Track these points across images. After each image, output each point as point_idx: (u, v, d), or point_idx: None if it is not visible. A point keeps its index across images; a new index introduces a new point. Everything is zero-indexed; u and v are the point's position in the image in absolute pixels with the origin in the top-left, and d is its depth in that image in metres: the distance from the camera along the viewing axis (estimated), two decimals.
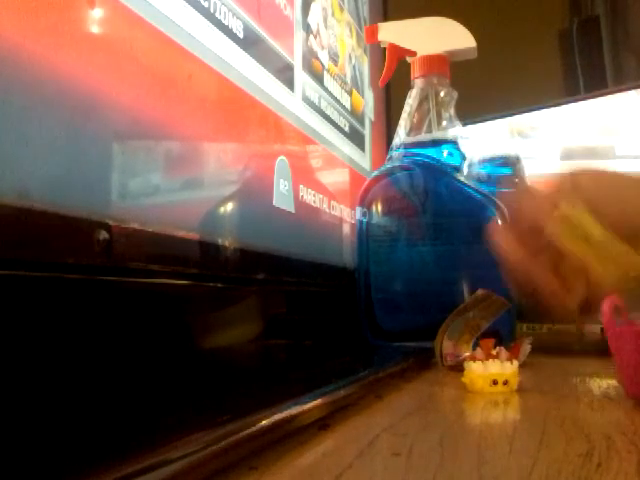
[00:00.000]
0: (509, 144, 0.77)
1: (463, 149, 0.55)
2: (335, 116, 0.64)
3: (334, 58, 0.65)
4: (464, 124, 0.58)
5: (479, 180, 0.58)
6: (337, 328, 0.58)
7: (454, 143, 0.55)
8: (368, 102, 0.78)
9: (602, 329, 0.42)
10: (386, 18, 0.88)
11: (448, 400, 0.32)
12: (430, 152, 0.54)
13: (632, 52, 1.04)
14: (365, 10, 0.79)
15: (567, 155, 0.77)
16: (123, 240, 0.28)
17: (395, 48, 0.59)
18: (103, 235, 0.27)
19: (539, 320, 0.34)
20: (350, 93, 0.70)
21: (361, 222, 0.56)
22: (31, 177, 0.25)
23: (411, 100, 0.57)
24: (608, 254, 0.31)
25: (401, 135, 0.57)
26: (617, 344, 0.29)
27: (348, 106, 0.69)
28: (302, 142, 0.56)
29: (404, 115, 0.57)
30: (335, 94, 0.65)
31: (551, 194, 0.34)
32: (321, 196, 0.59)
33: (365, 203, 0.56)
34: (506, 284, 0.35)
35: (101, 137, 0.30)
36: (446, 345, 0.39)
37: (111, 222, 0.28)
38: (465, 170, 0.54)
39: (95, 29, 0.29)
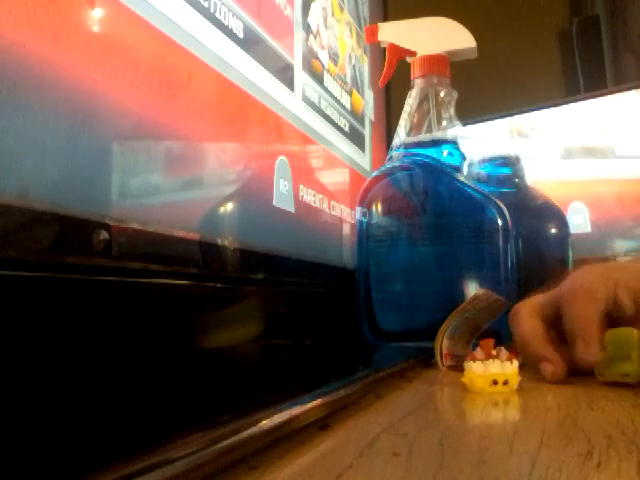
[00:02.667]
0: (509, 144, 0.77)
1: (463, 149, 0.55)
2: (335, 116, 0.64)
3: (334, 58, 0.65)
4: (464, 124, 0.58)
5: (479, 180, 0.59)
6: (337, 328, 0.58)
7: (454, 143, 0.55)
8: (368, 102, 0.78)
9: None
10: (386, 18, 0.88)
11: (448, 400, 0.32)
12: (430, 152, 0.54)
13: (632, 52, 1.04)
14: (365, 10, 0.79)
15: (567, 155, 0.77)
16: (123, 240, 0.28)
17: (395, 48, 0.59)
18: (103, 235, 0.27)
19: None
20: (350, 93, 0.70)
21: (361, 222, 0.56)
22: (31, 177, 0.25)
23: (411, 100, 0.57)
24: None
25: (401, 135, 0.57)
26: None
27: (348, 106, 0.69)
28: (302, 142, 0.56)
29: (404, 115, 0.57)
30: (335, 94, 0.65)
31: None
32: (321, 196, 0.59)
33: (365, 203, 0.56)
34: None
35: (101, 137, 0.30)
36: (446, 345, 0.39)
37: (111, 222, 0.28)
38: (465, 170, 0.54)
39: (95, 29, 0.29)
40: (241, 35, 0.43)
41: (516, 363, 0.32)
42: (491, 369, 0.31)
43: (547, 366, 0.35)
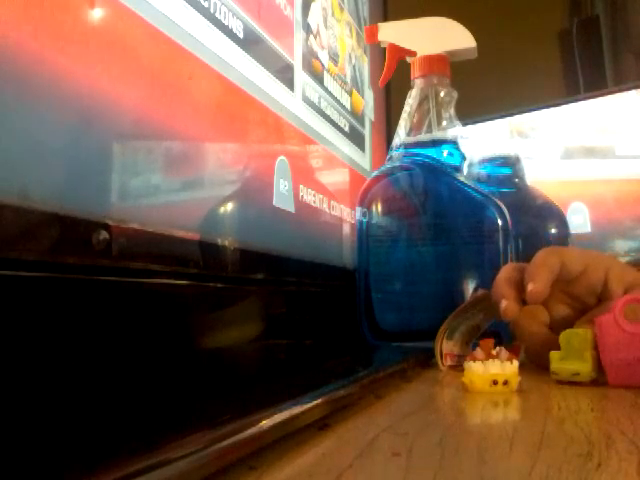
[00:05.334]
0: (509, 144, 0.77)
1: (463, 149, 0.55)
2: (335, 116, 0.64)
3: (334, 58, 0.65)
4: (464, 124, 0.58)
5: (479, 180, 0.59)
6: (337, 328, 0.58)
7: (454, 143, 0.55)
8: (368, 102, 0.78)
9: None
10: (386, 18, 0.88)
11: (448, 400, 0.32)
12: (430, 152, 0.54)
13: (632, 52, 1.04)
14: (365, 10, 0.79)
15: (567, 155, 0.77)
16: (123, 240, 0.28)
17: (395, 48, 0.59)
18: (103, 235, 0.27)
19: None
20: (350, 93, 0.70)
21: (361, 222, 0.56)
22: (31, 177, 0.25)
23: (411, 100, 0.57)
24: None
25: (401, 135, 0.57)
26: (600, 332, 0.33)
27: (348, 106, 0.69)
28: (302, 142, 0.56)
29: (404, 115, 0.57)
30: (335, 94, 0.65)
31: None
32: (321, 196, 0.59)
33: (365, 203, 0.56)
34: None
35: (101, 137, 0.30)
36: (446, 345, 0.39)
37: (111, 222, 0.28)
38: (465, 170, 0.54)
39: (95, 29, 0.29)
40: (241, 35, 0.43)
41: (516, 363, 0.32)
42: (491, 369, 0.31)
43: (503, 302, 0.37)
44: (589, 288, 0.38)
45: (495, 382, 0.31)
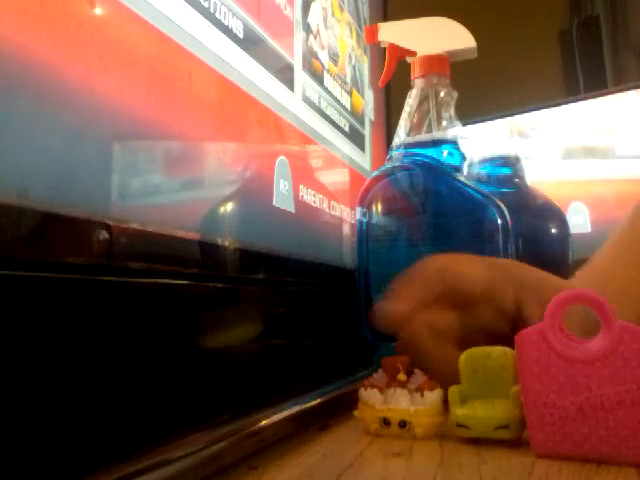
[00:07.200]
0: (509, 144, 0.77)
1: (463, 149, 0.55)
2: (335, 116, 0.64)
3: (334, 58, 0.65)
4: (464, 124, 0.58)
5: (479, 180, 0.59)
6: (337, 328, 0.58)
7: (454, 143, 0.55)
8: (368, 102, 0.78)
9: None
10: (386, 18, 0.88)
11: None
12: (430, 152, 0.54)
13: (632, 52, 1.04)
14: (365, 10, 0.79)
15: (567, 155, 0.77)
16: (123, 240, 0.28)
17: (395, 48, 0.59)
18: (103, 235, 0.27)
19: None
20: (350, 93, 0.70)
21: (361, 222, 0.56)
22: (31, 177, 0.25)
23: (411, 100, 0.57)
24: None
25: (401, 135, 0.57)
26: (520, 355, 0.20)
27: (348, 106, 0.69)
28: (302, 142, 0.56)
29: (404, 115, 0.57)
30: (335, 94, 0.65)
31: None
32: (321, 196, 0.59)
33: (365, 203, 0.56)
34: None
35: (101, 137, 0.30)
36: None
37: (111, 222, 0.28)
38: (465, 170, 0.54)
39: (94, 28, 0.29)
40: (241, 35, 0.43)
41: (434, 396, 0.22)
42: (390, 403, 0.22)
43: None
44: (496, 314, 0.28)
45: (387, 422, 0.22)
